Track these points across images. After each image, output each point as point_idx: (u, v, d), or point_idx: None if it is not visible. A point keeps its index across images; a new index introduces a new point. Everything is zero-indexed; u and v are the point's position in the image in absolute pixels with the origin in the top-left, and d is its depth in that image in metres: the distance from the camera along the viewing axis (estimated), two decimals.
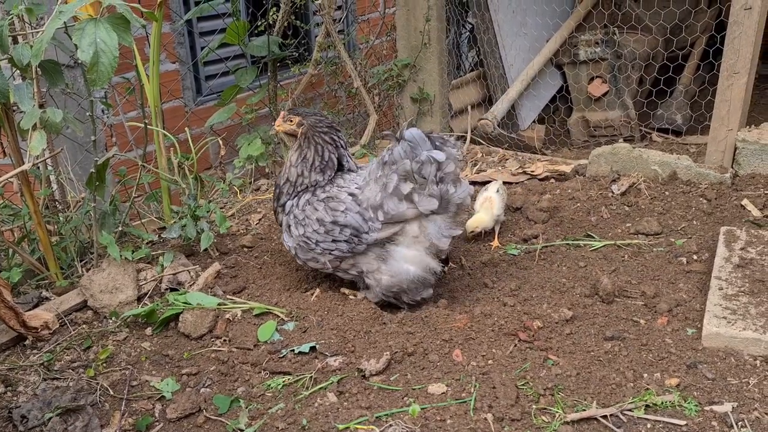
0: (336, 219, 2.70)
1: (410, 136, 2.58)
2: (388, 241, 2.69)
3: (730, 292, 2.60)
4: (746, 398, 2.16)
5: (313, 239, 2.74)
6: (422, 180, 2.59)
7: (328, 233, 2.71)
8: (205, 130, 4.65)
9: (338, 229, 2.69)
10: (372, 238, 2.67)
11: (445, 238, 2.68)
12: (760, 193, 3.51)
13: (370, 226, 2.67)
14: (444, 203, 2.64)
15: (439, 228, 2.67)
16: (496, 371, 2.34)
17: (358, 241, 2.68)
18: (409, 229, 2.67)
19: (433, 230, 2.67)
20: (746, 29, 3.51)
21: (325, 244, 2.73)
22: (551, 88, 5.90)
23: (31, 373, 2.51)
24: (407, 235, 2.68)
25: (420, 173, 2.58)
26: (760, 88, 5.99)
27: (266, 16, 4.39)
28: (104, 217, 3.11)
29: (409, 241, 2.68)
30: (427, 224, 2.66)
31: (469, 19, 5.72)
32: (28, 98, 2.64)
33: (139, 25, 2.48)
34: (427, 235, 2.67)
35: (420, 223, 2.66)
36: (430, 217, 2.66)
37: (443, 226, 2.68)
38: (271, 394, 2.36)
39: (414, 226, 2.67)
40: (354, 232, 2.68)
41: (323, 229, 2.71)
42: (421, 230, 2.67)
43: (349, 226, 2.68)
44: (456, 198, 2.66)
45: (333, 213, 2.71)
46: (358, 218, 2.68)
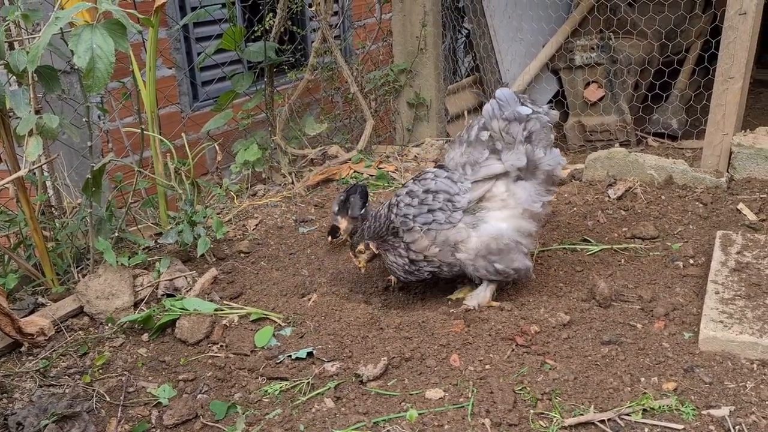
0: (428, 187, 2.71)
1: (500, 94, 2.63)
2: (478, 208, 2.65)
3: (726, 296, 2.60)
4: (743, 402, 2.16)
5: (411, 215, 2.71)
6: (510, 139, 2.60)
7: (422, 203, 2.69)
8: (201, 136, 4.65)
9: (431, 196, 2.68)
10: (465, 200, 2.64)
11: (536, 204, 2.63)
12: (755, 197, 3.52)
13: (460, 187, 2.66)
14: (531, 166, 2.60)
15: (529, 194, 2.63)
16: (494, 376, 2.34)
17: (453, 207, 2.65)
18: (496, 192, 2.63)
19: (523, 195, 2.62)
20: (741, 34, 3.52)
21: (421, 217, 2.69)
22: (547, 93, 5.91)
23: (27, 379, 2.50)
24: (496, 198, 2.63)
25: (507, 131, 2.59)
26: (755, 93, 6.02)
27: (263, 21, 4.40)
28: (100, 222, 3.10)
29: (499, 204, 2.64)
30: (515, 189, 2.62)
31: (465, 25, 5.73)
32: (24, 104, 2.64)
33: (136, 30, 2.48)
34: (517, 200, 2.62)
35: (507, 186, 2.62)
36: (518, 183, 2.62)
37: (533, 192, 2.64)
38: (269, 399, 2.36)
39: (501, 188, 2.63)
40: (446, 196, 2.66)
41: (417, 200, 2.70)
42: (509, 194, 2.62)
43: (441, 190, 2.68)
44: (545, 164, 2.63)
45: (422, 183, 2.74)
46: (447, 181, 2.68)
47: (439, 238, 2.69)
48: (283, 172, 4.41)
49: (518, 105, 2.62)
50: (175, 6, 4.91)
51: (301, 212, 3.82)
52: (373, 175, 4.23)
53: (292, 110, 4.55)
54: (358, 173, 4.30)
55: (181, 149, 3.64)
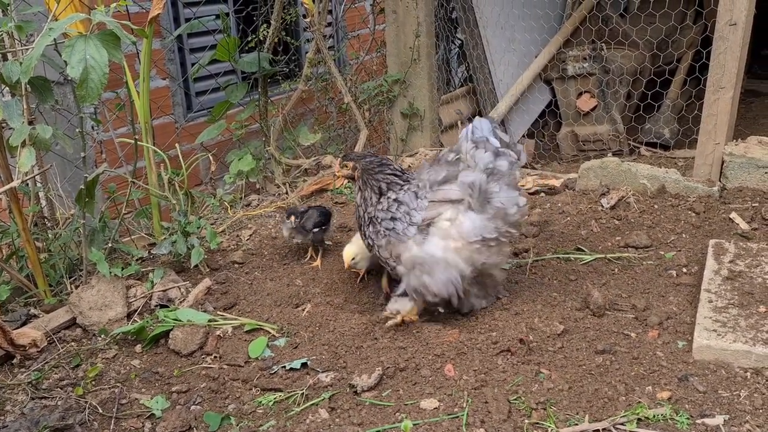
0: (398, 196, 2.72)
1: (477, 122, 2.68)
2: (427, 231, 2.63)
3: (719, 304, 2.61)
4: (738, 411, 2.16)
5: (380, 218, 2.73)
6: (473, 163, 2.60)
7: (389, 209, 2.70)
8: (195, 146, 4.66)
9: (396, 205, 2.70)
10: (419, 217, 2.63)
11: (474, 238, 2.57)
12: (747, 206, 3.54)
13: (419, 204, 2.66)
14: (482, 198, 2.58)
15: (474, 227, 2.58)
16: (489, 386, 2.34)
17: (409, 221, 2.64)
18: (444, 218, 2.61)
19: (468, 227, 2.58)
20: (731, 45, 3.56)
21: (385, 222, 2.70)
22: (540, 103, 5.94)
23: (19, 392, 2.48)
24: (442, 224, 2.61)
25: (473, 156, 2.61)
26: (746, 103, 6.07)
27: (257, 32, 4.41)
28: (93, 233, 3.09)
29: (442, 233, 2.61)
30: (463, 219, 2.59)
31: (458, 35, 5.76)
32: (17, 115, 2.63)
33: (130, 41, 2.49)
34: (460, 231, 2.59)
35: (457, 214, 2.60)
36: (467, 213, 2.59)
37: (480, 226, 2.58)
38: (263, 411, 2.35)
39: (449, 215, 2.61)
40: (406, 208, 2.67)
41: (386, 205, 2.72)
42: (454, 224, 2.60)
43: (404, 202, 2.68)
44: (496, 200, 2.60)
45: (397, 192, 2.75)
46: (412, 195, 2.69)
47: (393, 250, 2.71)
48: (277, 183, 4.41)
49: (491, 135, 2.65)
50: (169, 17, 4.92)
51: None
52: None
53: (286, 120, 4.56)
54: (351, 183, 4.29)
55: (175, 160, 3.64)
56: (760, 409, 2.16)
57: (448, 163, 2.70)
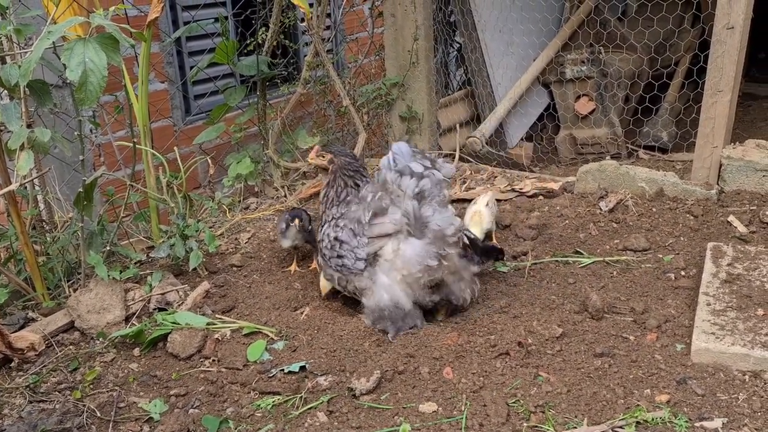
0: (337, 234, 2.72)
1: (396, 148, 2.63)
2: (374, 263, 2.65)
3: (718, 307, 2.61)
4: (736, 414, 2.17)
5: (327, 256, 2.76)
6: (400, 192, 2.57)
7: (332, 248, 2.72)
8: (194, 149, 4.65)
9: (338, 244, 2.70)
10: (363, 253, 2.65)
11: (419, 265, 2.56)
12: (745, 209, 3.54)
13: (359, 241, 2.66)
14: (419, 224, 2.57)
15: (417, 253, 2.56)
16: (487, 389, 2.33)
17: (355, 258, 2.66)
18: (386, 250, 2.61)
19: (410, 254, 2.57)
20: (729, 48, 3.56)
21: (333, 260, 2.73)
22: (538, 106, 5.95)
23: (17, 395, 2.48)
24: (385, 257, 2.62)
25: (399, 185, 2.58)
26: (744, 106, 6.07)
27: (255, 35, 4.42)
28: (92, 236, 3.09)
29: (387, 266, 2.62)
30: (404, 247, 2.57)
31: (456, 39, 5.77)
32: (15, 118, 2.63)
33: (128, 44, 2.49)
34: (404, 260, 2.58)
35: (398, 244, 2.59)
36: (408, 240, 2.57)
37: (422, 252, 2.56)
38: (261, 414, 2.34)
39: (390, 246, 2.60)
40: (348, 246, 2.67)
41: (330, 244, 2.73)
42: (396, 254, 2.59)
43: (345, 241, 2.68)
44: (433, 223, 2.58)
45: (335, 229, 2.74)
46: (350, 233, 2.68)
47: (349, 284, 2.74)
48: (276, 186, 4.41)
49: (411, 160, 2.61)
50: (168, 20, 4.92)
51: None
52: None
53: (284, 123, 4.56)
54: None
55: (174, 163, 3.63)
56: (759, 412, 2.16)
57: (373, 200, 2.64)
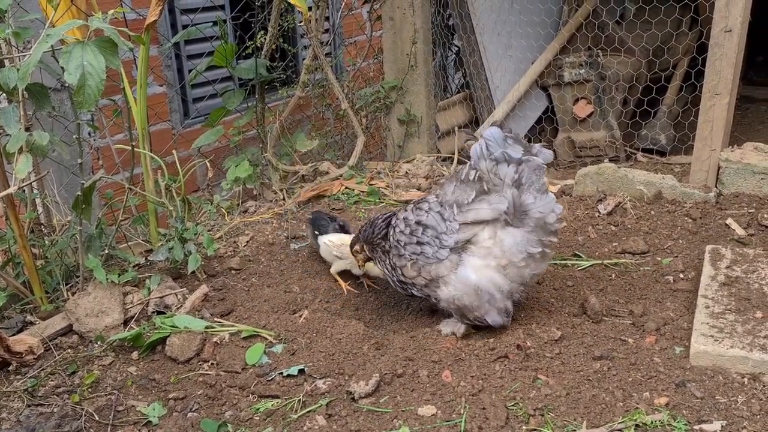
0: (419, 219, 2.64)
1: (489, 134, 2.51)
2: (463, 250, 2.56)
3: (716, 310, 2.61)
4: (735, 416, 2.17)
5: (402, 242, 2.66)
6: (498, 181, 2.49)
7: (413, 234, 2.63)
8: (192, 153, 4.65)
9: (421, 229, 2.61)
10: (451, 240, 2.54)
11: (520, 254, 2.49)
12: (743, 211, 3.54)
13: (448, 227, 2.56)
14: (519, 212, 2.48)
15: (516, 243, 2.49)
16: (486, 392, 2.33)
17: (440, 244, 2.57)
18: (482, 238, 2.52)
19: (510, 243, 2.50)
20: (727, 51, 3.57)
21: (410, 247, 2.63)
22: (537, 109, 5.96)
23: (15, 399, 2.47)
24: (480, 244, 2.53)
25: (495, 173, 2.49)
26: (742, 109, 6.09)
27: (254, 38, 4.42)
28: (90, 240, 3.09)
29: (482, 251, 2.53)
30: (503, 235, 2.50)
31: (455, 42, 5.78)
32: (14, 121, 2.63)
33: (127, 48, 2.49)
34: (503, 249, 2.50)
35: (495, 232, 2.51)
36: (507, 229, 2.50)
37: (522, 240, 2.49)
38: (260, 417, 2.34)
39: (487, 233, 2.51)
40: (434, 233, 2.58)
41: (409, 230, 2.64)
42: (495, 242, 2.50)
43: (430, 226, 2.59)
44: (535, 211, 2.49)
45: (417, 213, 2.67)
46: (438, 217, 2.59)
47: (424, 271, 2.63)
48: (275, 189, 4.41)
49: (507, 146, 2.50)
50: (167, 23, 4.92)
51: (292, 229, 3.82)
52: (364, 191, 4.24)
53: (283, 127, 4.56)
54: (349, 189, 4.30)
55: (172, 166, 3.63)
56: (758, 415, 2.16)
57: (471, 182, 2.58)
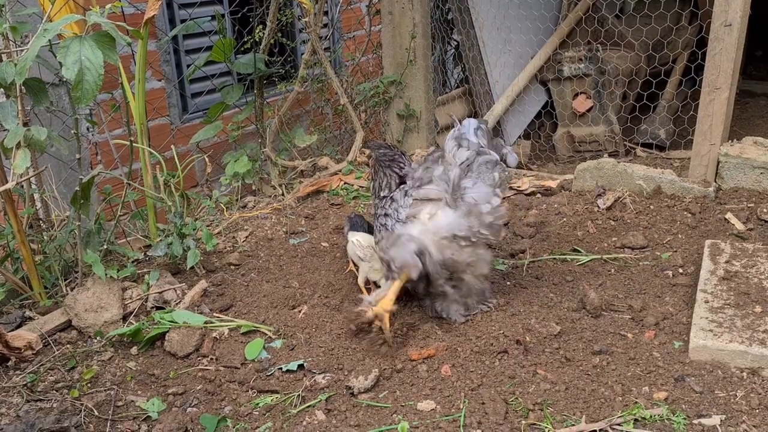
0: (393, 195, 2.79)
1: (465, 121, 2.73)
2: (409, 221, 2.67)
3: (715, 304, 2.61)
4: (734, 411, 2.17)
5: (379, 213, 2.82)
6: (454, 161, 2.62)
7: (386, 206, 2.78)
8: (191, 148, 4.65)
9: (389, 202, 2.77)
10: (403, 214, 2.68)
11: (447, 233, 2.56)
12: (743, 206, 3.54)
13: (405, 201, 2.71)
14: (455, 193, 2.56)
15: (449, 222, 2.56)
16: (485, 387, 2.33)
17: (397, 218, 2.70)
18: (422, 213, 2.63)
19: (443, 222, 2.57)
20: (726, 45, 3.56)
21: (381, 218, 2.77)
22: (536, 104, 5.94)
23: (14, 394, 2.47)
24: (420, 218, 2.63)
25: (453, 155, 2.63)
26: (741, 103, 6.07)
27: (252, 33, 4.41)
28: (89, 235, 3.08)
29: (419, 226, 2.62)
30: (439, 213, 2.59)
31: (454, 37, 5.76)
32: (12, 116, 2.62)
33: (125, 42, 2.47)
34: (435, 224, 2.58)
35: (436, 209, 2.60)
36: (444, 209, 2.58)
37: (453, 222, 2.56)
38: (259, 412, 2.34)
39: (427, 209, 2.63)
40: (396, 204, 2.73)
41: (387, 203, 2.79)
42: (430, 217, 2.60)
43: (396, 200, 2.75)
44: (468, 195, 2.56)
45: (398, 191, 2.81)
46: (402, 193, 2.75)
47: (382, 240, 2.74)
48: (273, 184, 4.40)
49: (473, 135, 2.66)
50: (165, 18, 4.91)
51: (291, 224, 3.81)
52: (363, 186, 4.23)
53: (282, 122, 4.55)
54: (348, 184, 4.30)
55: (171, 161, 3.63)
56: (757, 409, 2.17)
57: (434, 161, 2.73)
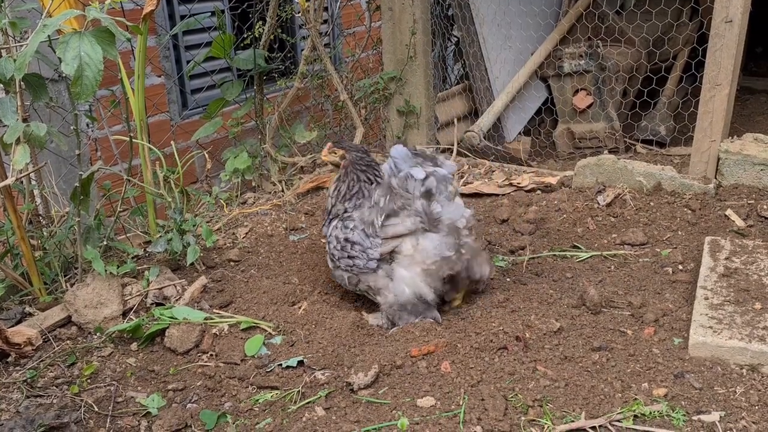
0: (347, 236, 2.75)
1: (395, 152, 2.70)
2: (392, 259, 2.70)
3: (715, 301, 2.61)
4: (733, 407, 2.17)
5: (336, 256, 2.79)
6: (408, 195, 2.65)
7: (343, 249, 2.75)
8: (191, 144, 4.64)
9: (349, 245, 2.73)
10: (377, 253, 2.68)
11: (434, 258, 2.64)
12: (743, 203, 3.54)
13: (372, 242, 2.70)
14: (432, 222, 2.64)
15: (435, 246, 2.65)
16: (485, 383, 2.34)
17: (368, 258, 2.70)
18: (404, 248, 2.67)
19: (430, 248, 2.65)
20: (727, 42, 3.56)
21: (343, 261, 2.76)
22: (536, 101, 5.94)
23: (14, 390, 2.47)
24: (404, 254, 2.68)
25: (405, 188, 2.66)
26: (742, 100, 6.07)
27: (252, 29, 4.40)
28: (89, 231, 3.08)
29: (407, 260, 2.68)
30: (423, 242, 2.65)
31: (454, 33, 5.76)
32: (11, 112, 2.62)
33: (124, 38, 2.47)
34: (424, 254, 2.65)
35: (416, 240, 2.66)
36: (426, 235, 2.65)
37: (440, 244, 2.65)
38: (259, 408, 2.34)
39: (408, 243, 2.66)
40: (361, 247, 2.71)
41: (339, 246, 2.76)
42: (416, 249, 2.66)
43: (356, 242, 2.72)
44: (445, 218, 2.66)
45: (344, 230, 2.76)
46: (362, 234, 2.72)
47: (362, 280, 2.75)
48: (273, 180, 4.40)
49: (412, 163, 2.68)
50: (164, 14, 4.90)
51: (291, 220, 3.81)
52: None
53: (281, 118, 4.55)
54: None
55: (171, 157, 3.62)
56: (756, 406, 2.17)
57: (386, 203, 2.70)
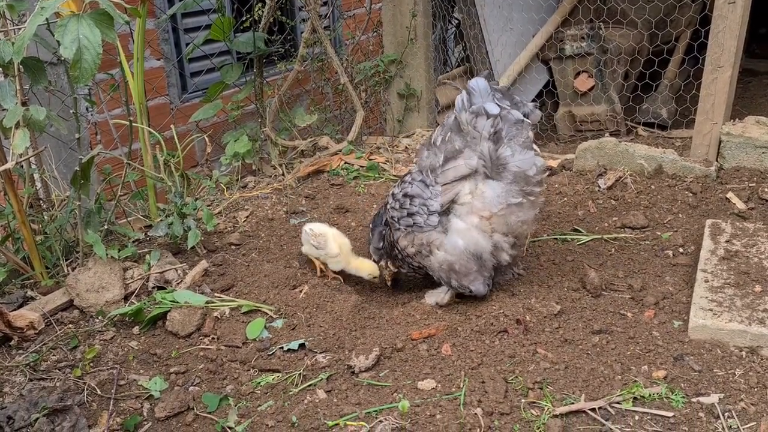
0: (405, 191, 2.67)
1: (473, 84, 2.48)
2: (451, 209, 2.56)
3: (715, 284, 2.62)
4: (732, 389, 2.18)
5: (395, 217, 2.69)
6: (476, 134, 2.46)
7: (402, 207, 2.66)
8: (191, 127, 4.63)
9: (408, 201, 2.64)
10: (437, 203, 2.55)
11: (500, 205, 2.47)
12: (744, 186, 3.53)
13: (432, 191, 2.58)
14: (495, 165, 2.46)
15: (497, 195, 2.47)
16: (485, 366, 2.35)
17: (428, 212, 2.58)
18: (462, 192, 2.52)
19: (491, 196, 2.48)
20: (730, 23, 3.53)
21: (403, 220, 2.66)
22: (537, 83, 5.91)
23: (17, 373, 2.49)
24: (461, 200, 2.53)
25: (474, 126, 2.46)
26: (744, 82, 6.03)
27: (252, 11, 4.37)
28: (89, 215, 3.08)
29: (465, 208, 2.53)
30: (483, 188, 2.49)
31: (455, 15, 5.71)
32: (10, 96, 2.61)
33: (123, 21, 2.45)
34: (484, 201, 2.48)
35: (476, 185, 2.50)
36: (487, 182, 2.49)
37: (502, 192, 2.47)
38: (261, 391, 2.36)
39: (467, 188, 2.51)
40: (421, 200, 2.60)
41: (398, 204, 2.68)
42: (475, 195, 2.50)
43: (416, 195, 2.61)
44: (512, 165, 2.45)
45: (401, 185, 2.71)
46: (421, 185, 2.62)
47: (416, 240, 2.66)
48: (274, 164, 4.39)
49: (488, 100, 2.47)
50: None
51: (291, 204, 3.81)
52: (363, 166, 4.22)
53: (281, 101, 4.53)
54: (348, 164, 4.29)
55: (171, 141, 3.62)
56: (755, 388, 2.18)
57: (444, 142, 2.60)
